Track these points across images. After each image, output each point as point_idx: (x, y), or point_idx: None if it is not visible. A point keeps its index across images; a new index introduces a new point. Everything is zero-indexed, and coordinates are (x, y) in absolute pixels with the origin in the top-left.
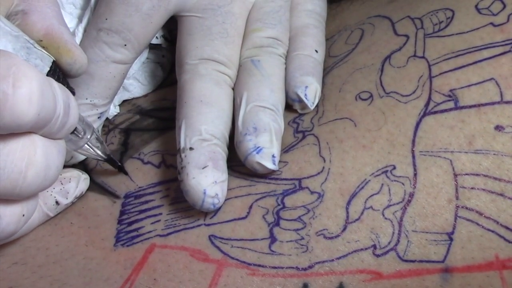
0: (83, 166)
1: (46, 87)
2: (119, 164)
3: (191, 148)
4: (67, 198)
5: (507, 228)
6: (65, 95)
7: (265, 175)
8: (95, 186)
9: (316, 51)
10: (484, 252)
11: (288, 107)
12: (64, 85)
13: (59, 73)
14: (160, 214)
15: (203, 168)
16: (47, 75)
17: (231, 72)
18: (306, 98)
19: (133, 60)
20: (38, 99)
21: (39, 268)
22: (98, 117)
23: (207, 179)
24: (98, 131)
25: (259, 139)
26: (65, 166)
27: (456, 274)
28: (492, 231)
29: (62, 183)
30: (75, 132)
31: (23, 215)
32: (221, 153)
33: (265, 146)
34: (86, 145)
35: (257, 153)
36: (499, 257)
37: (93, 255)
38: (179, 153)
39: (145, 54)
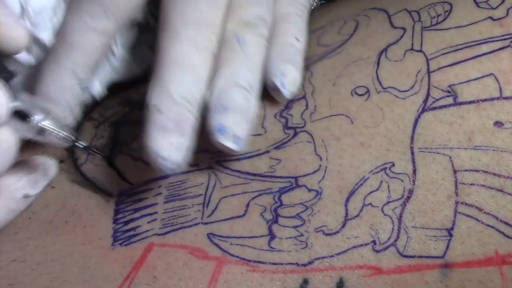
0: (72, 162)
1: None
2: (94, 150)
3: (157, 109)
4: (35, 189)
5: (506, 223)
6: None
7: (259, 173)
8: (87, 182)
9: (297, 39)
10: (483, 247)
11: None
12: None
13: None
14: (156, 212)
15: (165, 130)
16: None
17: (213, 38)
18: (283, 87)
19: (114, 31)
20: None
21: (38, 266)
22: (82, 90)
23: (164, 141)
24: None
25: (225, 118)
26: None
27: (456, 269)
28: (492, 227)
29: (29, 173)
30: (28, 119)
31: None
32: (190, 118)
33: (229, 126)
34: (45, 129)
35: (221, 132)
36: (499, 252)
37: (92, 254)
38: (145, 110)
39: (134, 34)
